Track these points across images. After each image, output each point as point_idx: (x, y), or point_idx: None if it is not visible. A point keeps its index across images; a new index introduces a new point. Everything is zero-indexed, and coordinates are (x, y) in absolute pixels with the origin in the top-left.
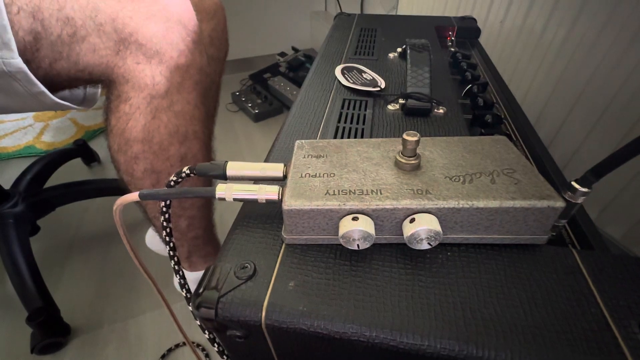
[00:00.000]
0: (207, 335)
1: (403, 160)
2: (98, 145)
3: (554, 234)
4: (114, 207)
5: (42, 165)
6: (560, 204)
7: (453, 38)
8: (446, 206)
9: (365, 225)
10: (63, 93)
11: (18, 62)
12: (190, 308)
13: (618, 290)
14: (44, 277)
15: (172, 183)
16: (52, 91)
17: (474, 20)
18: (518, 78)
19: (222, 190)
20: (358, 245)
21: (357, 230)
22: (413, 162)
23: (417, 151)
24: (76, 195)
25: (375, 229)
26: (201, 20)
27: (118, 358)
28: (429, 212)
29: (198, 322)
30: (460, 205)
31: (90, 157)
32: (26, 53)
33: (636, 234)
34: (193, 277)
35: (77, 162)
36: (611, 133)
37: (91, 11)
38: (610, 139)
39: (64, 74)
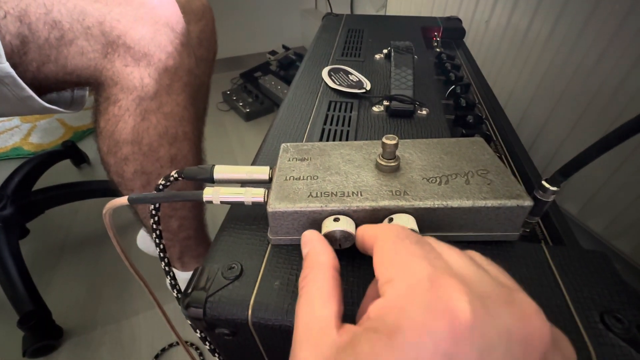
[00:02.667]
0: (198, 334)
1: (383, 163)
2: (87, 147)
3: (527, 230)
4: (104, 211)
5: (31, 167)
6: (528, 203)
7: (438, 39)
8: (422, 206)
9: (346, 225)
10: (50, 95)
11: (6, 66)
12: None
13: (583, 283)
14: (34, 280)
15: (160, 187)
16: (40, 94)
17: (459, 20)
18: (503, 78)
19: (210, 193)
20: (340, 245)
21: (338, 230)
22: (392, 164)
23: (397, 153)
24: (66, 197)
25: (356, 229)
26: (189, 21)
27: (112, 359)
28: (407, 212)
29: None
30: (436, 206)
31: (79, 159)
32: (13, 57)
33: (616, 227)
34: (185, 277)
35: (66, 163)
36: (591, 133)
37: (78, 14)
38: (591, 138)
39: (52, 77)
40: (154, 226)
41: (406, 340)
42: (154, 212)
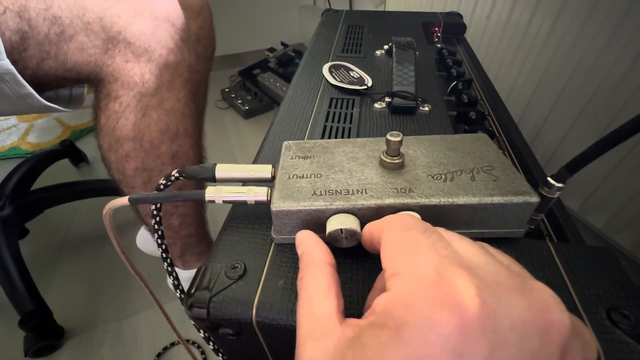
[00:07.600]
0: (202, 334)
1: (387, 160)
2: (86, 146)
3: (532, 227)
4: (104, 212)
5: (29, 166)
6: (535, 199)
7: (439, 34)
8: (428, 204)
9: (351, 224)
10: (48, 94)
11: (6, 63)
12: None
13: (589, 280)
14: (35, 280)
15: (161, 186)
16: (39, 92)
17: (460, 16)
18: (504, 74)
19: (212, 192)
20: (345, 244)
21: (343, 229)
22: (397, 161)
23: (401, 150)
24: (65, 196)
25: (361, 227)
26: (187, 18)
27: (113, 358)
28: (412, 210)
29: (192, 322)
30: (442, 203)
31: (78, 158)
32: (13, 53)
33: (616, 223)
34: (186, 276)
35: (65, 162)
36: (593, 129)
37: (79, 10)
38: (592, 133)
39: (51, 74)
40: (156, 226)
41: (413, 336)
42: (155, 212)
